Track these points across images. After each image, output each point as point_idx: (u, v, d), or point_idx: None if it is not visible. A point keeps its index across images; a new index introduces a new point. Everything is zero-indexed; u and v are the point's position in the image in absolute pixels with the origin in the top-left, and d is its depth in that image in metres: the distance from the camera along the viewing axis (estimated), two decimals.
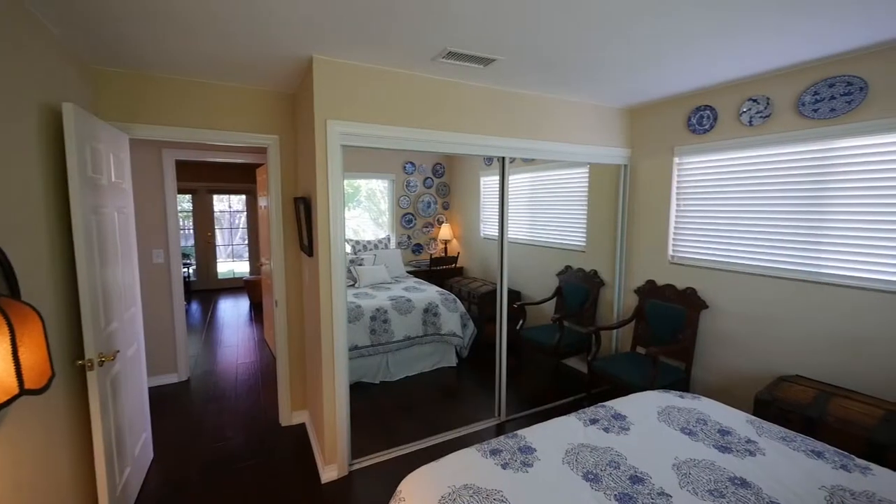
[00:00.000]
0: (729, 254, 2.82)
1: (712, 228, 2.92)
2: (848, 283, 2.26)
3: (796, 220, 2.47)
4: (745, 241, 2.73)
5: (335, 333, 2.36)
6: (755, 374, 2.66)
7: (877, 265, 2.17)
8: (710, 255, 2.94)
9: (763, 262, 2.64)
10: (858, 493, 1.41)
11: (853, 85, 2.19)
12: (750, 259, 2.71)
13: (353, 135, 2.31)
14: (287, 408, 3.02)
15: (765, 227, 2.62)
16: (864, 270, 2.22)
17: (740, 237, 2.75)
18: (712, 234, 2.92)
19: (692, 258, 3.05)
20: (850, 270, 2.27)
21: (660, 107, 3.17)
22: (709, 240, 2.94)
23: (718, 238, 2.88)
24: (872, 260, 2.19)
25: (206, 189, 7.84)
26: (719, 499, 1.40)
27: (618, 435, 1.80)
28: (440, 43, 2.02)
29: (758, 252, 2.66)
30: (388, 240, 5.36)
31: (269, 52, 2.11)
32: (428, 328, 3.86)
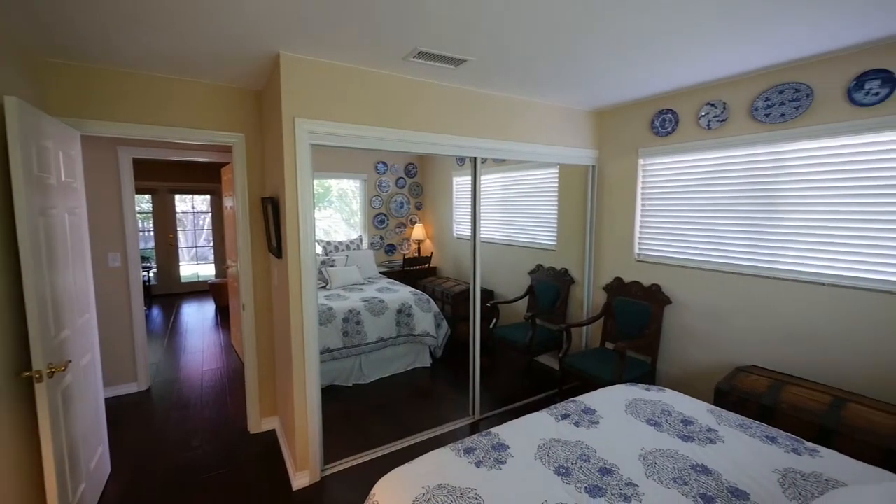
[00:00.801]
0: (691, 251, 2.95)
1: (675, 227, 3.04)
2: (798, 278, 2.41)
3: (751, 219, 2.61)
4: (705, 239, 2.86)
5: (306, 336, 2.31)
6: (715, 366, 2.79)
7: (824, 261, 2.32)
8: (673, 253, 3.06)
9: (722, 259, 2.77)
10: (808, 475, 1.51)
11: (800, 92, 2.33)
12: (710, 256, 2.84)
13: (322, 133, 2.27)
14: (256, 414, 2.93)
15: (723, 225, 2.75)
16: (812, 266, 2.37)
17: (701, 235, 2.88)
18: (675, 232, 3.04)
19: (657, 256, 3.17)
20: (800, 266, 2.41)
21: (625, 110, 3.28)
22: (672, 238, 3.06)
23: (681, 236, 3.00)
24: (820, 256, 2.34)
25: (168, 189, 7.50)
26: (683, 486, 1.46)
27: (588, 429, 1.84)
28: (411, 42, 2.02)
29: (717, 249, 2.80)
30: (360, 240, 5.29)
31: (232, 47, 2.04)
32: (401, 329, 3.83)
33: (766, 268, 2.55)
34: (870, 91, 2.10)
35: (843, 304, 2.23)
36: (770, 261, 2.54)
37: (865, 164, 2.16)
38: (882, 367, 2.11)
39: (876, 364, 2.13)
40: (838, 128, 2.21)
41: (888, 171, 2.08)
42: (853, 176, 2.20)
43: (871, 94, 2.10)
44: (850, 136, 2.19)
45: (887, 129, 2.06)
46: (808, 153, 2.36)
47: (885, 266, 2.11)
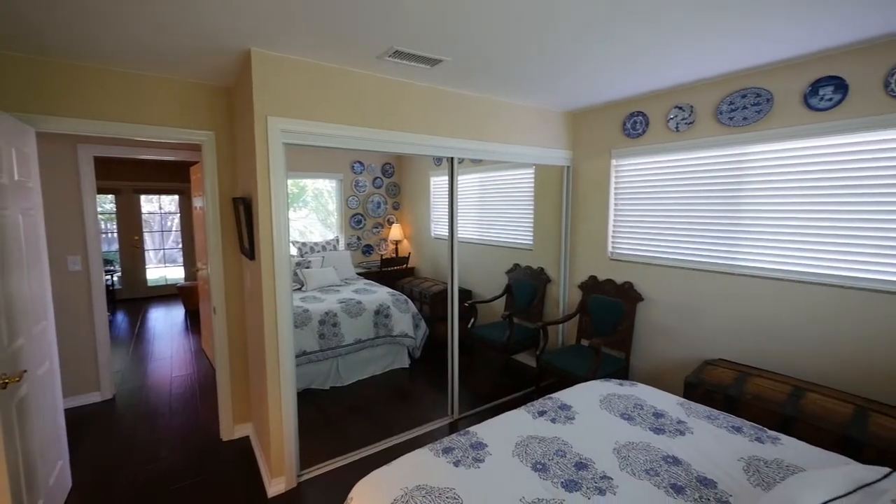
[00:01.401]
0: (661, 249, 3.04)
1: (647, 226, 3.13)
2: (760, 275, 2.52)
3: (717, 218, 2.71)
4: (674, 237, 2.96)
5: (280, 340, 2.26)
6: (685, 360, 2.89)
7: (783, 258, 2.44)
8: (644, 252, 3.15)
9: (690, 257, 2.87)
10: (770, 461, 1.58)
11: (761, 96, 2.45)
12: (679, 254, 2.94)
13: (296, 132, 2.23)
14: (229, 421, 2.85)
15: (691, 224, 2.86)
16: (772, 262, 2.48)
17: (671, 234, 2.98)
18: (647, 231, 3.13)
19: (629, 254, 3.25)
20: (762, 263, 2.53)
21: (598, 112, 3.35)
22: (644, 237, 3.15)
23: (652, 235, 3.10)
24: (780, 254, 2.45)
25: (132, 189, 7.19)
26: (654, 477, 1.50)
27: (564, 424, 1.88)
28: (386, 41, 2.00)
29: (686, 248, 2.90)
30: (336, 241, 5.22)
31: (201, 43, 1.97)
32: (379, 330, 3.80)
33: (731, 265, 2.66)
34: (824, 97, 2.22)
35: (802, 298, 2.35)
36: (735, 258, 2.65)
37: (820, 166, 2.28)
38: (837, 357, 2.24)
39: (831, 355, 2.26)
40: (795, 131, 2.33)
41: (840, 172, 2.21)
42: (809, 177, 2.32)
43: (825, 100, 2.22)
44: (806, 140, 2.31)
45: (839, 132, 2.18)
46: (768, 155, 2.47)
47: (840, 262, 2.23)
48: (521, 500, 1.38)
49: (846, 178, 2.19)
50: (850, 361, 2.19)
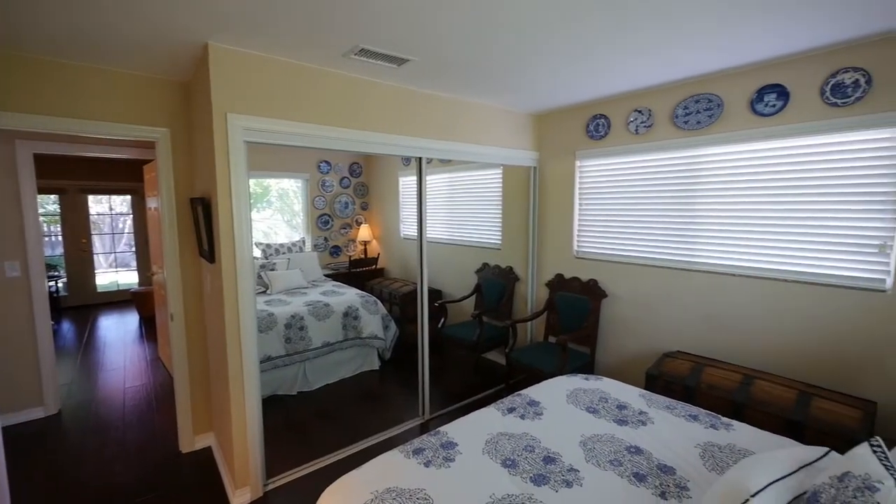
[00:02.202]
0: (623, 247, 3.16)
1: (610, 225, 3.24)
2: (713, 270, 2.67)
3: (675, 217, 2.85)
4: (636, 235, 3.08)
5: (243, 345, 2.18)
6: (646, 353, 3.01)
7: (734, 254, 2.59)
8: (608, 250, 3.26)
9: (650, 255, 3.00)
10: (724, 447, 1.67)
11: (713, 102, 2.59)
12: (640, 252, 3.06)
13: (258, 130, 2.16)
14: (189, 432, 2.72)
15: (651, 223, 2.98)
16: (725, 258, 2.63)
17: (632, 232, 3.10)
18: (610, 230, 3.24)
19: (594, 252, 3.36)
20: (714, 259, 2.67)
21: (563, 114, 3.44)
22: (607, 235, 3.26)
23: (615, 234, 3.21)
24: (730, 250, 2.60)
25: (79, 188, 6.73)
26: (618, 467, 1.56)
27: (532, 420, 1.91)
28: (352, 39, 1.97)
29: (646, 245, 3.02)
30: (302, 242, 5.10)
31: (152, 34, 1.87)
32: (348, 332, 3.74)
33: (688, 261, 2.79)
34: (768, 103, 2.37)
35: (751, 292, 2.51)
36: (691, 255, 2.79)
37: (766, 168, 2.43)
38: (782, 346, 2.40)
39: (777, 344, 2.42)
40: (744, 135, 2.48)
41: (784, 174, 2.36)
42: (757, 178, 2.47)
43: (769, 106, 2.37)
44: (754, 143, 2.46)
45: (782, 136, 2.34)
46: (720, 157, 2.61)
47: (784, 258, 2.39)
48: (491, 496, 1.40)
49: (789, 179, 2.35)
50: (794, 350, 2.36)
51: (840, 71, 2.12)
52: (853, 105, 2.10)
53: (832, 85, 2.15)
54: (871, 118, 2.05)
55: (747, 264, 2.53)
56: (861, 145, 2.11)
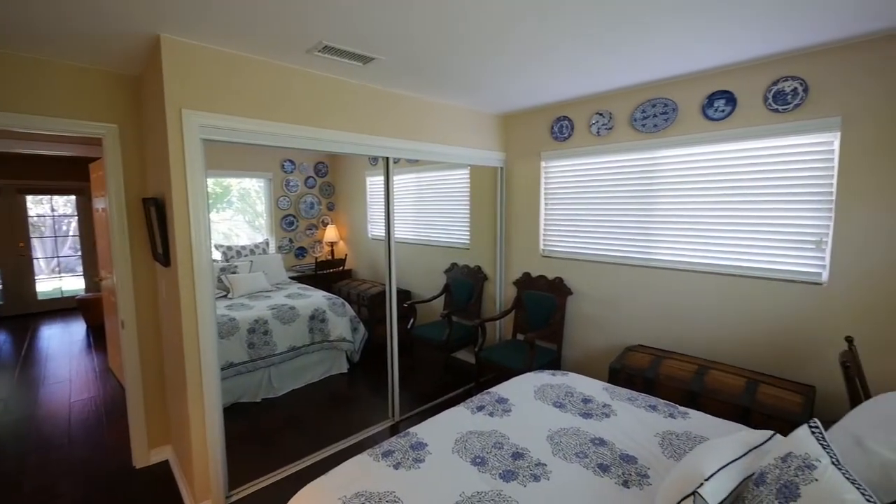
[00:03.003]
0: (587, 246, 3.26)
1: (574, 224, 3.33)
2: (670, 266, 2.80)
3: (635, 216, 2.96)
4: (598, 234, 3.18)
5: (203, 352, 2.09)
6: (610, 347, 3.12)
7: (689, 251, 2.72)
8: (573, 248, 3.35)
9: (613, 252, 3.10)
10: (681, 434, 1.76)
11: (668, 106, 2.71)
12: (603, 250, 3.16)
13: (216, 128, 2.07)
14: (143, 446, 2.57)
15: (613, 222, 3.09)
16: (681, 255, 2.76)
17: (595, 231, 3.20)
18: (574, 229, 3.34)
19: (559, 251, 3.44)
20: (671, 256, 2.80)
21: (529, 115, 3.50)
22: (572, 234, 3.36)
23: (579, 232, 3.30)
24: (686, 247, 2.74)
25: (16, 188, 6.22)
26: (584, 459, 1.61)
27: (501, 417, 1.94)
28: (315, 35, 1.93)
29: (609, 244, 3.13)
30: (266, 244, 4.93)
31: (98, 24, 1.76)
32: (315, 336, 3.66)
33: (647, 258, 2.92)
34: (718, 108, 2.51)
35: (704, 286, 2.65)
36: (650, 252, 2.91)
37: (717, 169, 2.57)
38: (732, 337, 2.55)
39: (728, 335, 2.57)
40: (696, 138, 2.61)
41: (733, 175, 2.51)
42: (709, 179, 2.61)
43: (718, 111, 2.51)
44: (705, 146, 2.59)
45: (731, 140, 2.48)
46: (675, 159, 2.75)
47: (733, 254, 2.54)
48: (460, 495, 1.41)
49: (737, 180, 2.50)
50: (743, 340, 2.51)
51: (781, 79, 2.27)
52: (792, 111, 2.26)
53: (774, 92, 2.30)
54: (808, 124, 2.22)
55: (701, 261, 2.67)
56: (799, 149, 2.28)
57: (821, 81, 2.16)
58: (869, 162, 2.06)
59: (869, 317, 2.10)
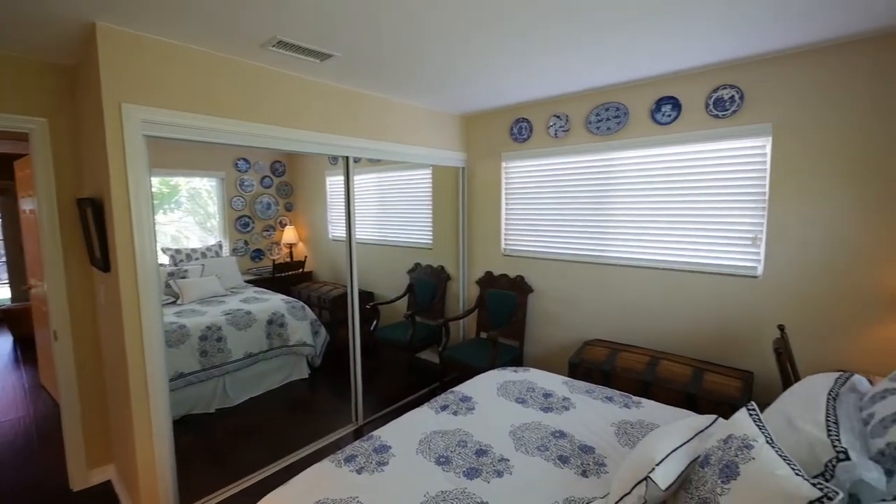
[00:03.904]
0: (547, 244, 3.35)
1: (534, 223, 3.42)
2: (625, 263, 2.93)
3: (591, 216, 3.08)
4: (557, 233, 3.28)
5: (148, 363, 1.96)
6: (569, 342, 3.22)
7: (641, 248, 2.86)
8: (533, 247, 3.43)
9: (571, 250, 3.21)
10: (635, 423, 1.84)
11: (620, 110, 2.84)
12: (562, 248, 3.26)
13: (160, 124, 1.94)
14: (81, 466, 2.38)
15: (571, 221, 3.19)
16: (633, 253, 2.90)
17: (554, 230, 3.29)
18: (534, 228, 3.42)
19: (520, 250, 3.52)
20: (625, 253, 2.94)
21: (489, 116, 3.55)
22: (532, 233, 3.44)
23: (539, 232, 3.39)
24: (638, 245, 2.87)
25: None
26: (545, 452, 1.65)
27: (465, 415, 1.95)
28: (268, 29, 1.86)
29: (567, 242, 3.23)
30: (219, 246, 4.70)
31: (24, 8, 1.60)
32: (273, 341, 3.53)
33: (603, 256, 3.04)
34: (665, 113, 2.65)
35: (655, 282, 2.79)
36: (605, 250, 3.03)
37: (666, 170, 2.72)
38: (681, 329, 2.71)
39: (677, 327, 2.72)
40: (646, 141, 2.75)
41: (680, 176, 2.67)
42: (658, 180, 2.76)
43: (665, 116, 2.66)
44: (654, 148, 2.74)
45: (677, 143, 2.64)
46: (628, 161, 2.88)
47: (680, 251, 2.70)
48: (425, 495, 1.40)
49: (683, 181, 2.66)
50: (690, 331, 2.67)
51: (720, 87, 2.44)
52: (730, 117, 2.43)
53: (714, 99, 2.46)
54: (743, 129, 2.39)
55: (651, 257, 2.82)
56: (737, 152, 2.46)
57: (755, 90, 2.34)
58: (796, 165, 2.25)
59: (798, 306, 2.29)
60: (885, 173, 2.03)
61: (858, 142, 2.08)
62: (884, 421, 1.14)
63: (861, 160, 2.08)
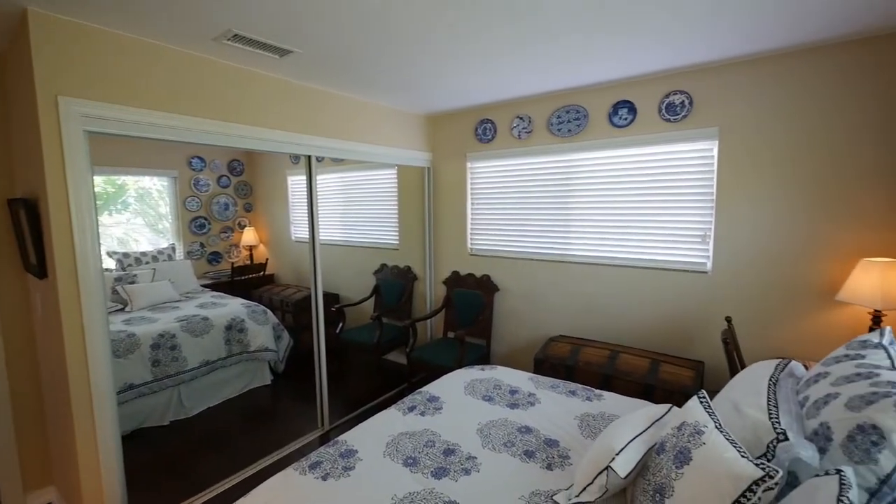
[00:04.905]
0: (512, 244, 3.41)
1: (499, 223, 3.47)
2: (586, 261, 3.03)
3: (554, 215, 3.16)
4: (522, 232, 3.34)
5: (93, 375, 1.83)
6: (534, 339, 3.29)
7: (601, 246, 2.97)
8: (499, 246, 3.48)
9: (535, 249, 3.28)
10: (597, 415, 1.91)
11: (580, 113, 2.93)
12: (526, 247, 3.33)
13: (104, 119, 1.82)
14: (17, 490, 2.18)
15: (535, 221, 3.26)
16: (593, 250, 3.00)
17: (519, 229, 3.35)
18: (499, 228, 3.47)
19: (486, 249, 3.56)
20: (586, 251, 3.03)
21: (454, 117, 3.57)
22: (497, 232, 3.48)
23: (504, 231, 3.44)
24: (598, 243, 2.98)
25: None
26: (511, 448, 1.68)
27: (433, 416, 1.95)
28: (222, 22, 1.78)
29: (531, 241, 3.30)
30: (172, 249, 4.45)
31: None
32: (233, 347, 3.38)
33: (565, 254, 3.13)
34: (622, 116, 2.76)
35: (614, 278, 2.90)
36: (567, 248, 3.12)
37: (624, 171, 2.83)
38: (638, 323, 2.83)
39: (635, 321, 2.84)
40: (605, 143, 2.85)
41: (638, 177, 2.78)
42: (617, 181, 2.86)
43: (622, 119, 2.77)
44: (613, 150, 2.84)
45: (634, 146, 2.75)
46: (588, 162, 2.97)
47: (636, 248, 2.82)
48: (392, 498, 1.39)
49: (638, 182, 2.78)
50: (647, 324, 2.80)
51: (672, 93, 2.57)
52: (681, 122, 2.56)
53: (666, 104, 2.59)
54: (693, 133, 2.53)
55: (610, 255, 2.93)
56: (688, 154, 2.59)
57: (703, 96, 2.48)
58: (740, 166, 2.41)
59: (743, 299, 2.45)
60: (821, 175, 2.20)
61: (797, 145, 2.25)
62: (816, 403, 1.24)
63: (799, 162, 2.25)
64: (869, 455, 0.99)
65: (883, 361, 1.29)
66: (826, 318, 2.23)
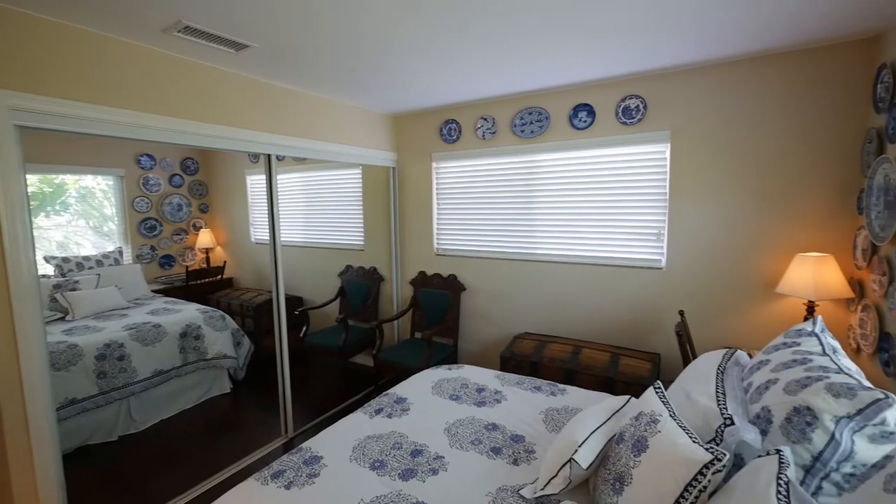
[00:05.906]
0: (478, 243, 3.44)
1: (465, 223, 3.49)
2: (549, 259, 3.10)
3: (518, 215, 3.21)
4: (487, 232, 3.38)
5: (27, 390, 1.68)
6: (501, 337, 3.33)
7: (562, 245, 3.05)
8: (465, 246, 3.51)
9: (500, 249, 3.33)
10: (560, 409, 1.96)
11: (542, 115, 3.00)
12: (492, 246, 3.37)
13: (37, 112, 1.68)
14: None
15: (500, 220, 3.31)
16: (556, 249, 3.08)
17: (484, 229, 3.39)
18: (465, 227, 3.49)
19: (452, 249, 3.57)
20: (550, 250, 3.11)
21: (419, 116, 3.56)
22: (463, 232, 3.51)
23: (470, 231, 3.47)
24: (561, 242, 3.06)
25: None
26: (478, 445, 1.69)
27: (400, 417, 1.94)
28: (172, 13, 1.69)
29: (497, 240, 3.34)
30: (119, 253, 4.18)
31: None
32: (188, 355, 3.22)
33: (529, 253, 3.19)
34: (581, 119, 2.85)
35: (576, 276, 2.99)
36: (531, 247, 3.19)
37: (585, 172, 2.92)
38: (599, 318, 2.93)
39: (596, 317, 2.94)
40: (565, 144, 2.94)
41: (598, 177, 2.88)
42: (578, 181, 2.95)
43: (582, 121, 2.86)
44: (573, 151, 2.93)
45: (593, 147, 2.85)
46: (550, 163, 3.05)
47: (596, 246, 2.92)
48: (359, 502, 1.37)
49: (598, 182, 2.88)
50: (607, 320, 2.90)
51: (627, 97, 2.68)
52: (636, 125, 2.68)
53: (623, 108, 2.70)
54: (647, 136, 2.65)
55: (571, 253, 3.02)
56: (643, 155, 2.71)
57: (656, 100, 2.61)
58: (691, 168, 2.55)
59: (695, 293, 2.59)
60: (763, 175, 2.36)
61: (742, 148, 2.41)
62: (759, 388, 1.33)
63: (744, 164, 2.41)
64: (804, 435, 1.08)
65: (815, 348, 1.40)
66: (768, 309, 2.40)
